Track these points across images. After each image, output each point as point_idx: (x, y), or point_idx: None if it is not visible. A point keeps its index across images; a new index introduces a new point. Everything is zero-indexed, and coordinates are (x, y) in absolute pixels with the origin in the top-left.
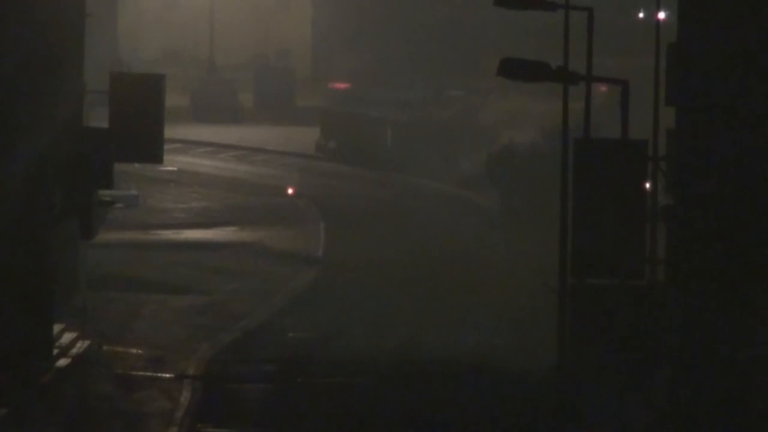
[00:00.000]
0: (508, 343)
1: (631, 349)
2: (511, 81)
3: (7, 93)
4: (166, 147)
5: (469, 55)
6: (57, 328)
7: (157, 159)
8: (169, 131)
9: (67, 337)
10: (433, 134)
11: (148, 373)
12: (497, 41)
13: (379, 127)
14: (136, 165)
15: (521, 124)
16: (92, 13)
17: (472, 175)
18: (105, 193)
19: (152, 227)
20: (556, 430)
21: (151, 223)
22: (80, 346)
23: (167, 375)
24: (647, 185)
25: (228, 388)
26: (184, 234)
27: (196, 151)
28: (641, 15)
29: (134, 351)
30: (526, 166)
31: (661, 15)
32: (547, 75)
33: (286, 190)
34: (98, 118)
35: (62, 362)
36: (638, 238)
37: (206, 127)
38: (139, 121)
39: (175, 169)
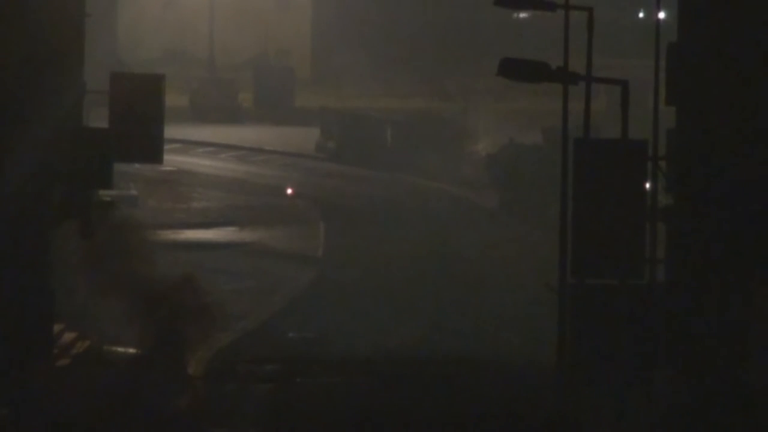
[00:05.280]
0: (507, 343)
1: (631, 349)
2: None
3: (7, 93)
4: (165, 147)
5: (469, 55)
6: (57, 328)
7: (157, 159)
8: (169, 131)
9: (67, 337)
10: (433, 134)
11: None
12: (497, 41)
13: (379, 127)
14: (136, 165)
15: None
16: (92, 13)
17: (472, 175)
18: (104, 194)
19: (152, 227)
20: (556, 429)
21: (151, 223)
22: (80, 346)
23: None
24: (647, 185)
25: (228, 388)
26: (184, 234)
27: (196, 151)
28: (641, 15)
29: (134, 351)
30: (526, 166)
31: (661, 15)
32: (547, 75)
33: (285, 191)
34: (98, 118)
35: (62, 362)
36: (638, 238)
37: (206, 127)
38: (139, 121)
39: (175, 169)
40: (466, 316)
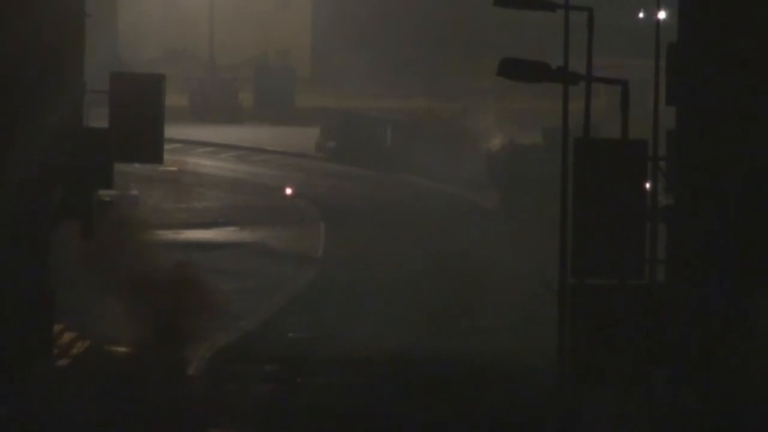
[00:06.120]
0: (507, 343)
1: (631, 349)
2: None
3: (8, 93)
4: (166, 147)
5: (469, 55)
6: (57, 328)
7: (157, 159)
8: (169, 131)
9: (67, 337)
10: (434, 134)
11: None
12: (497, 41)
13: (379, 127)
14: (136, 165)
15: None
16: (92, 13)
17: (472, 175)
18: (104, 194)
19: (152, 227)
20: (556, 430)
21: (151, 223)
22: (80, 346)
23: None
24: (647, 185)
25: (228, 388)
26: (184, 234)
27: (196, 152)
28: (641, 15)
29: (134, 351)
30: (526, 166)
31: (661, 15)
32: (547, 75)
33: (285, 190)
34: (98, 118)
35: (62, 362)
36: (638, 238)
37: (206, 127)
38: (139, 121)
39: (175, 169)
40: (465, 315)
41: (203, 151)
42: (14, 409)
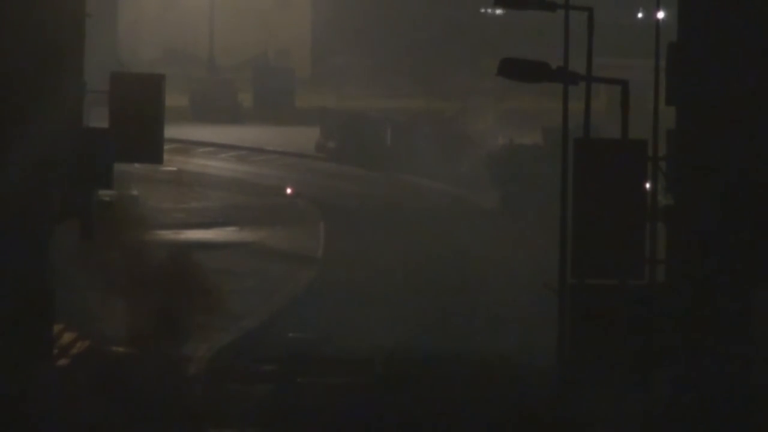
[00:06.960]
0: (507, 343)
1: (631, 349)
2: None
3: (7, 93)
4: (165, 147)
5: (468, 55)
6: (57, 328)
7: (157, 159)
8: (169, 131)
9: (67, 337)
10: (434, 134)
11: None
12: (497, 41)
13: (379, 127)
14: (136, 165)
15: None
16: (92, 13)
17: (472, 175)
18: (104, 194)
19: (152, 227)
20: (556, 430)
21: (151, 223)
22: (80, 346)
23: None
24: (647, 185)
25: (228, 388)
26: (184, 234)
27: (196, 151)
28: (641, 15)
29: (134, 351)
30: (526, 166)
31: (661, 15)
32: (547, 75)
33: (285, 190)
34: (98, 118)
35: (62, 362)
36: (638, 238)
37: (206, 127)
38: (139, 121)
39: (175, 169)
40: (465, 315)
41: (203, 151)
42: (14, 409)
